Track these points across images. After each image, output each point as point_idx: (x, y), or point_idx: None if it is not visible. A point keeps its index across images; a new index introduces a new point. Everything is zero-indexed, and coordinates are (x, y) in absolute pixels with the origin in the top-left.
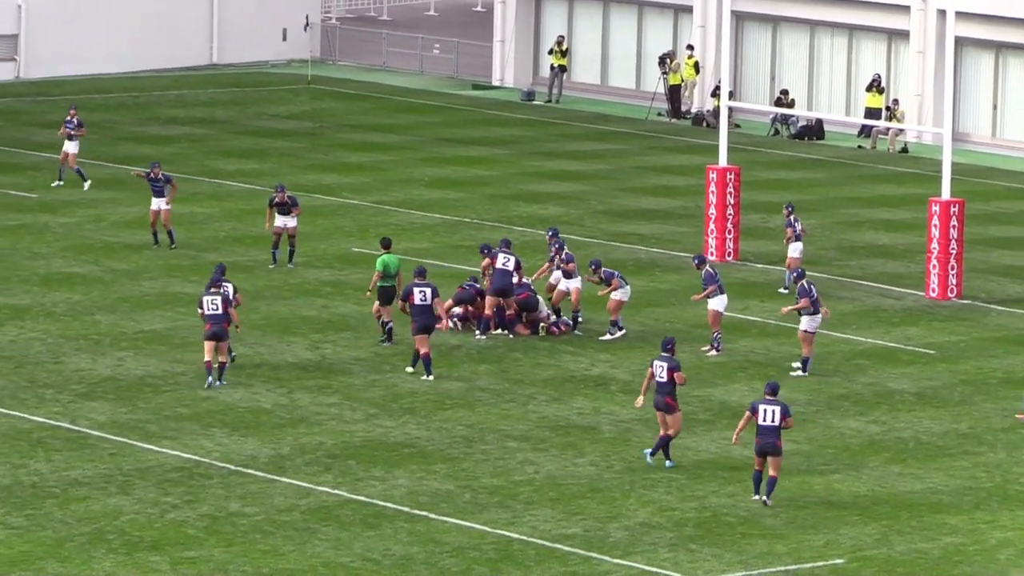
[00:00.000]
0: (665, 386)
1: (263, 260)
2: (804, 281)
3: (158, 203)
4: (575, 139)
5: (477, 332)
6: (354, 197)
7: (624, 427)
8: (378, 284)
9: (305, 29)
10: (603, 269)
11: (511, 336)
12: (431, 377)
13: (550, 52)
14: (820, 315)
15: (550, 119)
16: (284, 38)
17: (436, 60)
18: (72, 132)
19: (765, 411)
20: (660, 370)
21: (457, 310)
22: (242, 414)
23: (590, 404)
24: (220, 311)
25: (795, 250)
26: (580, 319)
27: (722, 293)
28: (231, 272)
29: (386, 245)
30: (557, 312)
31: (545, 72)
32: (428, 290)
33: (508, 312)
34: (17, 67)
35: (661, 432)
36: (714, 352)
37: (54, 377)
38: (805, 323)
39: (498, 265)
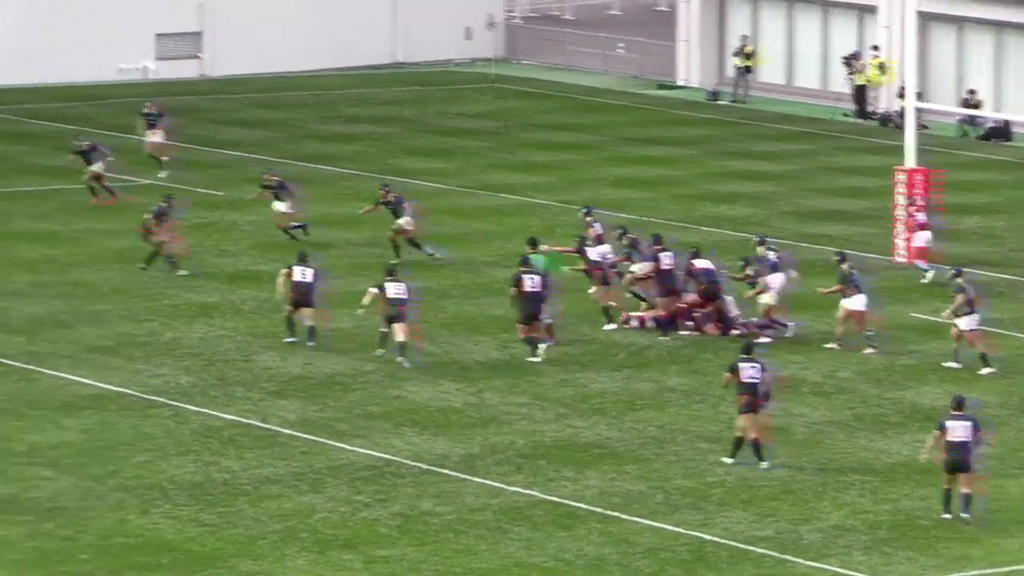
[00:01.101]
0: (756, 387)
1: (450, 259)
2: (960, 280)
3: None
4: (760, 139)
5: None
6: (539, 196)
7: (816, 428)
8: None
9: (489, 28)
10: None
11: (698, 335)
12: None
13: (735, 54)
14: (977, 314)
15: (735, 119)
16: (468, 37)
17: (620, 59)
18: (153, 124)
19: (953, 427)
20: (753, 371)
21: (649, 313)
22: (432, 413)
23: (781, 405)
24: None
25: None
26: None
27: (860, 292)
28: (416, 271)
29: (533, 244)
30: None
31: (730, 72)
32: (539, 279)
33: (681, 307)
34: (201, 65)
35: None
36: (871, 350)
37: (244, 375)
38: (963, 323)
39: (663, 266)
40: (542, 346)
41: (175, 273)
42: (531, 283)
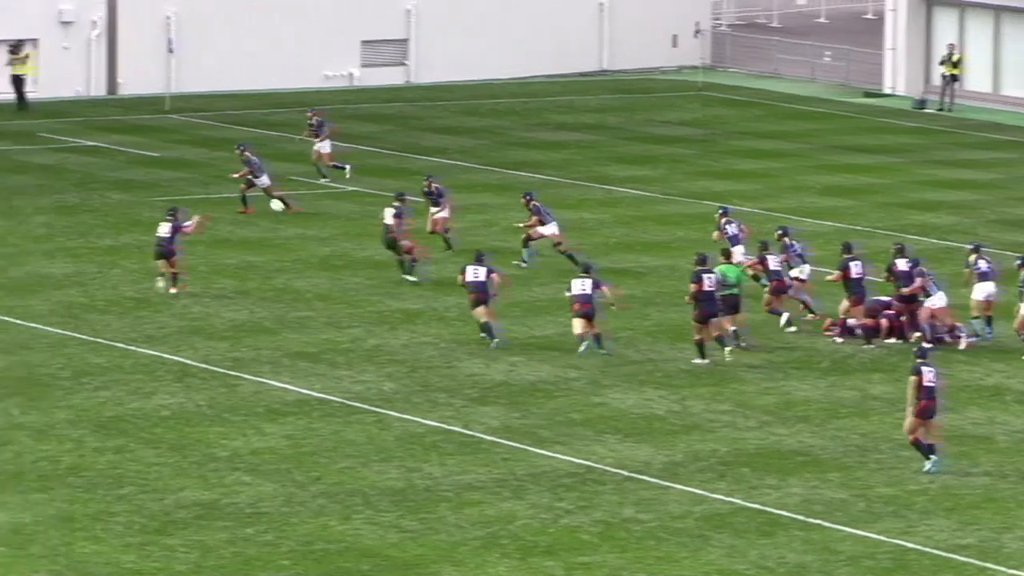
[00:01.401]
0: (933, 391)
1: (654, 266)
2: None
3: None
4: (967, 148)
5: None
6: (744, 204)
7: (1019, 437)
8: (720, 292)
9: (695, 36)
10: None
11: (902, 343)
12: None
13: (941, 62)
14: None
15: (941, 127)
16: (674, 44)
17: (827, 67)
18: (317, 133)
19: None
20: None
21: (852, 320)
22: (635, 420)
23: (984, 414)
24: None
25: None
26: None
27: (938, 290)
28: (619, 278)
29: (726, 255)
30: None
31: (936, 80)
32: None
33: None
34: (407, 72)
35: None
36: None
37: (447, 381)
38: None
39: (853, 274)
40: (727, 348)
41: (412, 277)
42: (708, 282)
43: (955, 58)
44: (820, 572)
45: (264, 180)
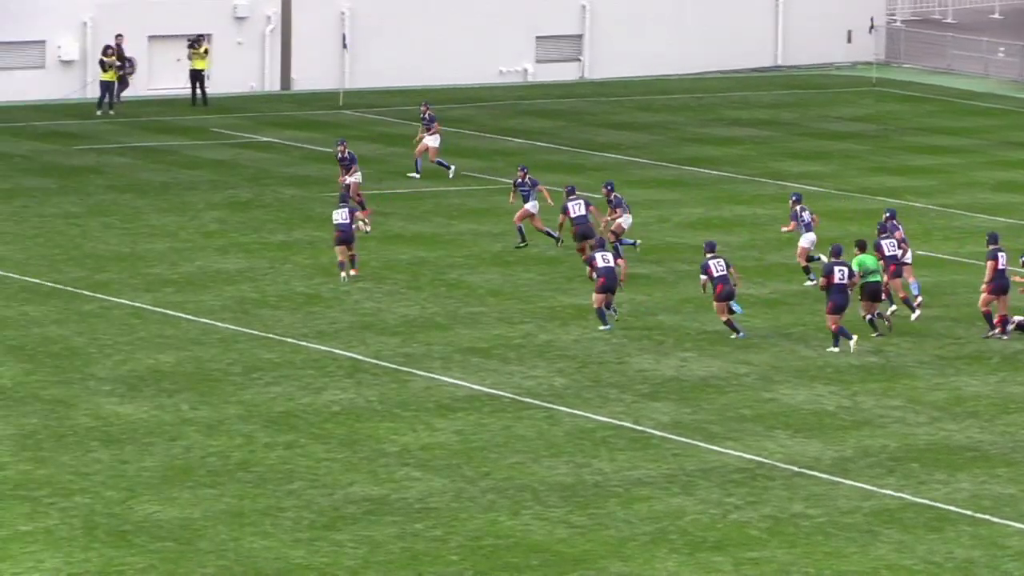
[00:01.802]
0: None
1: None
2: None
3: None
4: None
5: None
6: (918, 200)
7: None
8: (861, 281)
9: (870, 31)
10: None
11: None
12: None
13: None
14: None
15: None
16: (849, 40)
17: (1000, 63)
18: (429, 127)
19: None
20: None
21: (1019, 317)
22: (805, 416)
23: None
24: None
25: (806, 240)
26: None
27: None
28: (789, 274)
29: (861, 247)
30: None
31: None
32: (846, 269)
33: None
34: (582, 68)
35: None
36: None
37: (618, 377)
38: None
39: (1000, 266)
40: (852, 340)
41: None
42: (840, 275)
43: None
44: (988, 567)
45: (356, 177)
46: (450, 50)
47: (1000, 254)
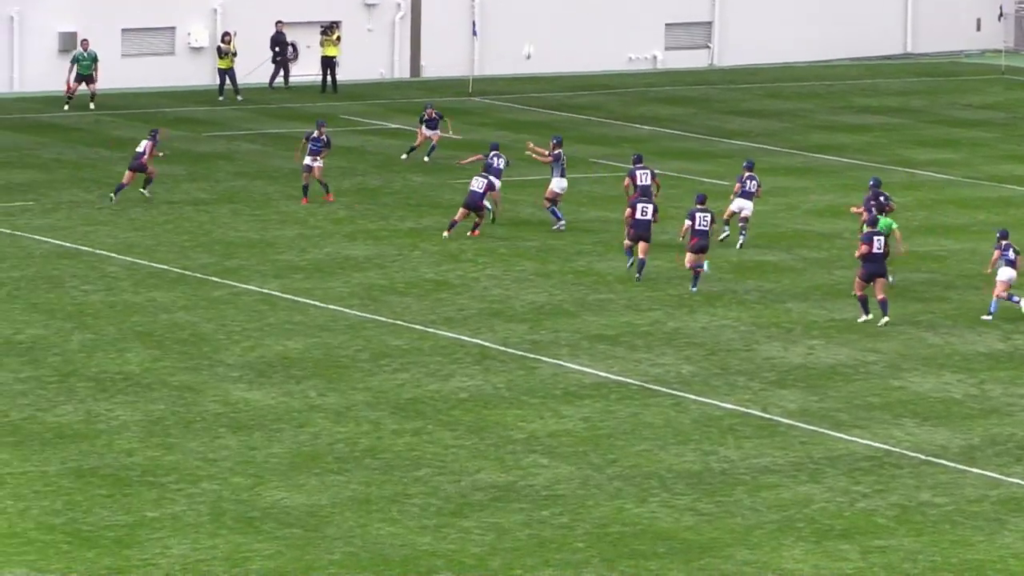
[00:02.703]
0: None
1: (955, 250)
2: None
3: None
4: None
5: None
6: None
7: None
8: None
9: (999, 19)
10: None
11: None
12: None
13: None
14: None
15: None
16: (978, 28)
17: None
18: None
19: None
20: None
21: None
22: (933, 404)
23: None
24: None
25: (736, 205)
26: None
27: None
28: (917, 261)
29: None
30: None
31: None
32: (883, 238)
33: None
34: (711, 55)
35: None
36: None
37: (745, 364)
38: None
39: None
40: (886, 318)
41: None
42: (878, 244)
43: None
44: None
45: (319, 162)
46: (579, 37)
47: None
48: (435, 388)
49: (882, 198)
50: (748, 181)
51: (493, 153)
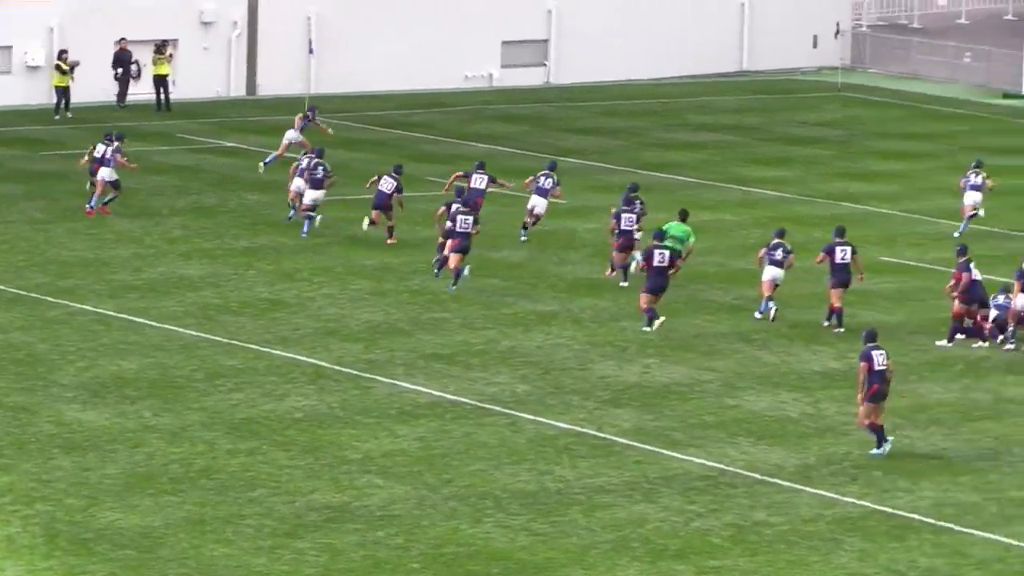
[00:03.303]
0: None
1: (791, 269)
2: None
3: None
4: None
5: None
6: (882, 206)
7: None
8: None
9: (836, 36)
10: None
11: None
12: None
13: None
14: None
15: None
16: (814, 45)
17: (966, 68)
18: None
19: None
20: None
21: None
22: (768, 423)
23: None
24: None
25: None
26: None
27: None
28: (753, 279)
29: (683, 216)
30: None
31: None
32: (667, 253)
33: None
34: (547, 73)
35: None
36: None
37: (580, 384)
38: None
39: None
40: (658, 321)
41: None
42: (660, 258)
43: None
44: None
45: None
46: (416, 55)
47: (971, 266)
48: (270, 408)
49: (638, 204)
50: (543, 178)
51: (476, 171)
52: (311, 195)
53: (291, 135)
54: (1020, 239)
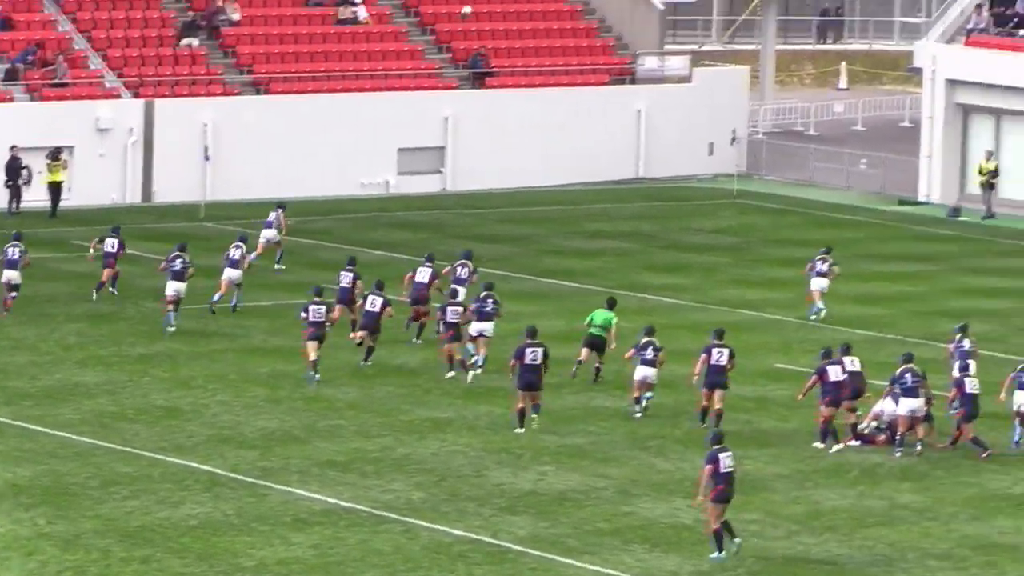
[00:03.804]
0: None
1: (685, 376)
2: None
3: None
4: (1000, 255)
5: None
6: (778, 313)
7: None
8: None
9: (731, 143)
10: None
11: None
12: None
13: (979, 172)
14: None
15: (977, 235)
16: (711, 152)
17: (862, 175)
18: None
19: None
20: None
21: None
22: (663, 530)
23: (1013, 523)
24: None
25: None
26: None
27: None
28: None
29: (610, 305)
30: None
31: (970, 189)
32: (539, 351)
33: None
34: (444, 179)
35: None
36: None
37: (476, 491)
38: None
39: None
40: (535, 415)
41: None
42: (531, 356)
43: (989, 166)
44: None
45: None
46: (312, 162)
47: (832, 367)
48: (165, 515)
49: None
50: (460, 268)
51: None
52: (229, 274)
53: (268, 234)
54: (914, 345)
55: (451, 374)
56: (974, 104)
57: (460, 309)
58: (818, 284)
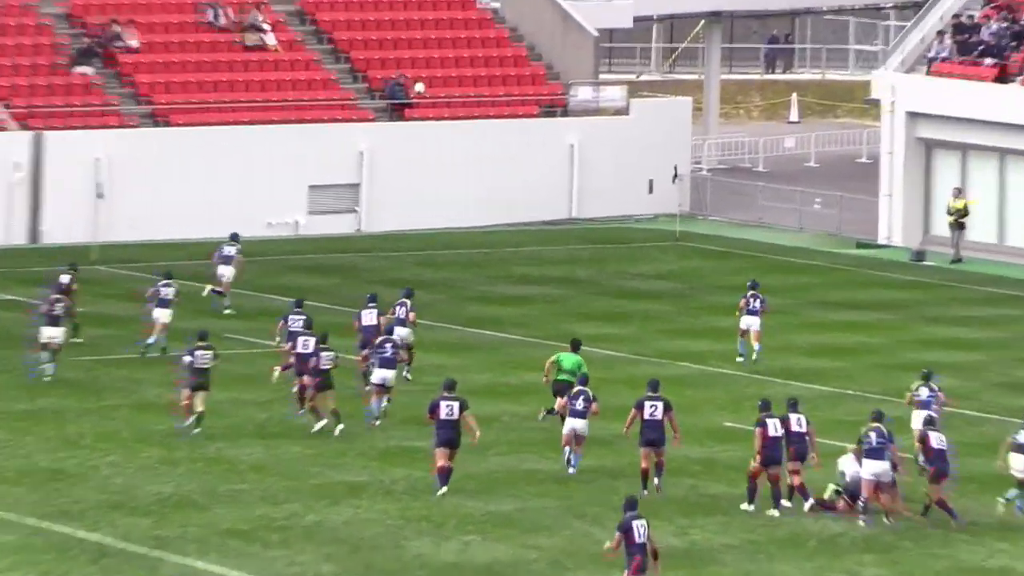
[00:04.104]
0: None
1: (622, 436)
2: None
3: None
4: (968, 303)
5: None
6: (725, 366)
7: None
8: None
9: (673, 181)
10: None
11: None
12: (445, 489)
13: (949, 212)
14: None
15: (940, 281)
16: (650, 191)
17: (816, 215)
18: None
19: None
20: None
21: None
22: None
23: None
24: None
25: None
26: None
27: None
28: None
29: (575, 346)
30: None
31: (935, 230)
32: (456, 404)
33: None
34: (358, 219)
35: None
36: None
37: (393, 563)
38: None
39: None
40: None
41: None
42: (447, 411)
43: (960, 204)
44: None
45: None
46: (214, 200)
47: (771, 421)
48: None
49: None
50: (399, 307)
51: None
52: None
53: (224, 270)
54: (877, 402)
55: (300, 412)
56: (937, 138)
57: (333, 355)
58: (746, 323)
